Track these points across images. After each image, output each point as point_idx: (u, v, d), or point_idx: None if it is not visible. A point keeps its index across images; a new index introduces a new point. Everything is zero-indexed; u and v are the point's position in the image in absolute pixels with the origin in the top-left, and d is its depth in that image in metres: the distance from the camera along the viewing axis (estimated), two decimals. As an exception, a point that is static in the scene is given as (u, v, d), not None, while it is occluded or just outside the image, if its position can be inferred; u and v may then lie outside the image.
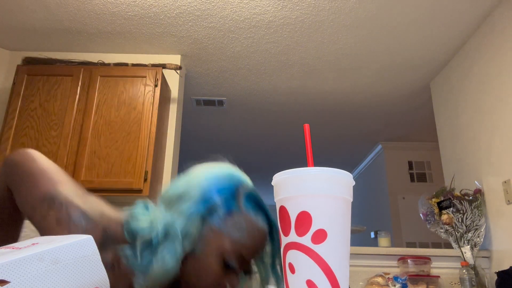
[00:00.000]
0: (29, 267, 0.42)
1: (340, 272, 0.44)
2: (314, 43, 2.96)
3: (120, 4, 2.61)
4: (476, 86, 2.72)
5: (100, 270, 0.50)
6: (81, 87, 2.73)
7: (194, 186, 0.73)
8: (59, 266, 0.45)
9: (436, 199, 2.49)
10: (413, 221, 4.22)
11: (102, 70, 2.81)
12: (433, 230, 2.54)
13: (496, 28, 2.52)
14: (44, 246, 0.46)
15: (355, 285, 2.30)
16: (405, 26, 2.75)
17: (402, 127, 4.45)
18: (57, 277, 0.45)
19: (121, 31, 2.88)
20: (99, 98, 2.72)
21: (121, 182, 2.52)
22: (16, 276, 0.41)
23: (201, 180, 0.74)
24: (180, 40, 2.97)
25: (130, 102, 2.73)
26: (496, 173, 2.45)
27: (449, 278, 2.37)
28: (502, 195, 2.37)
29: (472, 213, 2.39)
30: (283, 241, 0.47)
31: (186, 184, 0.74)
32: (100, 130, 2.65)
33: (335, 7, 2.58)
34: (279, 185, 0.47)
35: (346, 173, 0.47)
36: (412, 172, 4.91)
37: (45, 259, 0.44)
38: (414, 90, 3.61)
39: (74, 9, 2.65)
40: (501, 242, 2.38)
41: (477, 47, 2.75)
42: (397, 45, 2.96)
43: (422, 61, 3.17)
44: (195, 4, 2.60)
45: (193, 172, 0.77)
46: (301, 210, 0.45)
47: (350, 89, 3.60)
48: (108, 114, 2.69)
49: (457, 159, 2.97)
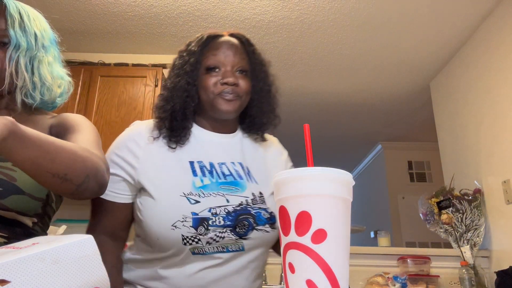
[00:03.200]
0: (30, 267, 0.43)
1: (339, 271, 0.45)
2: (314, 43, 2.96)
3: (120, 4, 2.61)
4: (476, 86, 2.72)
5: (100, 270, 0.50)
6: (82, 87, 2.73)
7: None
8: (59, 266, 0.45)
9: (436, 199, 2.50)
10: (413, 221, 4.22)
11: (102, 70, 2.81)
12: (433, 230, 2.54)
13: (495, 28, 2.52)
14: (44, 246, 0.46)
15: (355, 284, 2.30)
16: (405, 27, 2.75)
17: (402, 127, 4.45)
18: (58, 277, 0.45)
19: (122, 31, 2.88)
20: (100, 98, 2.72)
21: (121, 182, 2.52)
22: (17, 276, 0.41)
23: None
24: (181, 40, 2.97)
25: (131, 102, 2.73)
26: (496, 173, 2.45)
27: (448, 278, 2.37)
28: (502, 195, 2.37)
29: (471, 213, 2.39)
30: (283, 241, 0.47)
31: None
32: (100, 130, 2.65)
33: (335, 7, 2.58)
34: (279, 185, 0.47)
35: (345, 173, 0.47)
36: (411, 172, 4.91)
37: (45, 259, 0.44)
38: (414, 90, 3.61)
39: (74, 9, 2.65)
40: (501, 242, 2.38)
41: (476, 47, 2.75)
42: (397, 45, 2.96)
43: (422, 61, 3.17)
44: (195, 4, 2.60)
45: None
46: (301, 210, 0.45)
47: (350, 89, 3.60)
48: (109, 114, 2.69)
49: (456, 159, 2.97)
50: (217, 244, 0.87)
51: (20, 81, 0.87)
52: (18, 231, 0.82)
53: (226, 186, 0.93)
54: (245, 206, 0.91)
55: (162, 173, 0.92)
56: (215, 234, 0.87)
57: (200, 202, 0.88)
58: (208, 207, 0.88)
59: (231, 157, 1.00)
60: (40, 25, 0.93)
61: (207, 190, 0.90)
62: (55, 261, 0.45)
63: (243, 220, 0.90)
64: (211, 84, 0.96)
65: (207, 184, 0.92)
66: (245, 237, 0.89)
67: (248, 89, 0.99)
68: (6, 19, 0.86)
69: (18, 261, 0.42)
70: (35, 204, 0.83)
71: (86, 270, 0.48)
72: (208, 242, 0.86)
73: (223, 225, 0.87)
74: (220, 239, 0.87)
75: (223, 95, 0.95)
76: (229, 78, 0.95)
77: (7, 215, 0.80)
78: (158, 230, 0.86)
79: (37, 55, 0.90)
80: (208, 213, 0.87)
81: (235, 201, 0.91)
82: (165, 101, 0.97)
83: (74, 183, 0.73)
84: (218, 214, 0.88)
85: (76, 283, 0.46)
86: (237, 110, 0.98)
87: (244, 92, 0.98)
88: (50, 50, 0.94)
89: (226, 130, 1.03)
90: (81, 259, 0.48)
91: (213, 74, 0.97)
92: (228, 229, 0.88)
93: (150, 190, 0.89)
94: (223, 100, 0.95)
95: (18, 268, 0.42)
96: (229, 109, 0.96)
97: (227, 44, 0.99)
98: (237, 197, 0.92)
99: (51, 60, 0.94)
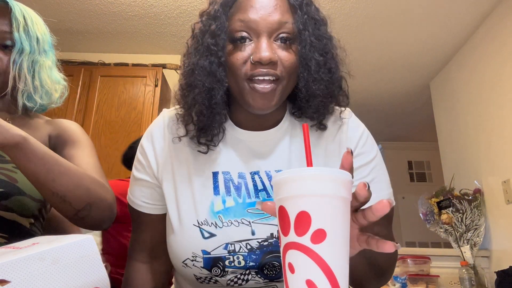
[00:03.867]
0: (29, 267, 0.43)
1: (339, 271, 0.45)
2: (314, 43, 2.95)
3: (120, 4, 2.61)
4: (476, 86, 2.72)
5: (100, 270, 0.50)
6: (82, 87, 2.73)
7: None
8: (59, 266, 0.45)
9: (436, 199, 2.50)
10: (413, 220, 4.22)
11: (102, 70, 2.81)
12: (433, 229, 2.54)
13: (495, 28, 2.52)
14: (44, 246, 0.46)
15: (355, 284, 2.30)
16: (405, 26, 2.75)
17: (402, 127, 4.45)
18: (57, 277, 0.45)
19: (122, 31, 2.88)
20: (100, 98, 2.72)
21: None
22: (17, 276, 0.41)
23: None
24: (181, 40, 2.97)
25: (131, 102, 2.73)
26: (496, 173, 2.45)
27: (448, 278, 2.37)
28: (502, 195, 2.37)
29: (471, 213, 2.39)
30: (282, 241, 0.47)
31: None
32: (100, 130, 2.65)
33: (335, 7, 2.58)
34: (278, 185, 0.47)
35: (345, 173, 0.47)
36: (411, 172, 4.91)
37: (45, 258, 0.44)
38: (414, 90, 3.61)
39: (74, 9, 2.66)
40: (501, 241, 2.38)
41: (476, 47, 2.75)
42: (397, 45, 2.96)
43: (422, 61, 3.16)
44: (195, 4, 2.60)
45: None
46: (301, 210, 0.45)
47: (350, 89, 3.58)
48: (108, 114, 2.69)
49: (456, 159, 2.97)
50: (241, 287, 0.69)
51: (21, 84, 0.87)
52: (18, 231, 0.82)
53: (255, 210, 0.69)
54: (275, 240, 0.67)
55: (181, 190, 0.72)
56: (236, 276, 0.68)
57: (215, 235, 0.67)
58: (224, 243, 0.67)
59: (270, 162, 0.73)
60: (41, 29, 0.94)
61: (228, 217, 0.68)
62: (55, 261, 0.45)
63: (272, 260, 0.67)
64: (239, 64, 0.66)
65: (230, 207, 0.69)
66: (278, 280, 0.68)
67: (293, 65, 0.68)
68: (11, 22, 0.86)
69: (18, 261, 0.42)
70: (35, 205, 0.84)
71: (86, 270, 0.48)
72: (229, 285, 0.69)
73: (245, 267, 0.67)
74: (244, 282, 0.68)
75: (255, 80, 0.66)
76: (262, 54, 0.64)
77: (7, 215, 0.80)
78: (173, 263, 0.73)
79: (38, 59, 0.90)
80: (224, 251, 0.67)
81: (263, 232, 0.68)
82: (184, 91, 0.71)
83: (74, 207, 0.74)
84: (237, 252, 0.67)
85: (76, 283, 0.47)
86: (277, 102, 0.68)
87: (288, 71, 0.67)
88: (49, 55, 0.95)
89: (268, 124, 0.75)
90: (81, 259, 0.48)
91: (242, 48, 0.67)
92: (252, 270, 0.68)
93: (167, 210, 0.74)
94: (254, 89, 0.66)
95: (18, 268, 0.42)
96: (262, 105, 0.67)
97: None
98: (266, 226, 0.68)
99: (50, 64, 0.94)
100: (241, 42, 0.67)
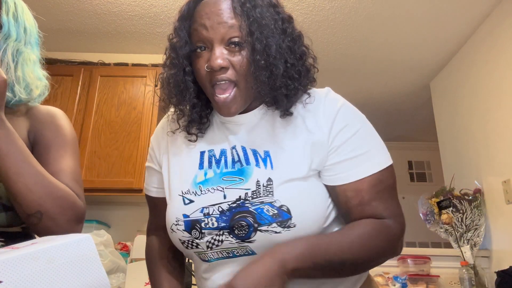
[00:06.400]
0: (22, 267, 0.42)
1: None
2: (314, 43, 2.94)
3: (120, 4, 2.61)
4: (476, 86, 2.72)
5: (99, 270, 0.49)
6: (81, 87, 2.73)
7: None
8: (54, 266, 0.45)
9: (436, 199, 2.49)
10: (413, 220, 4.20)
11: (102, 70, 2.81)
12: (433, 229, 2.53)
13: (495, 28, 2.52)
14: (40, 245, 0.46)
15: (355, 285, 2.30)
16: (405, 26, 2.74)
17: (402, 127, 4.44)
18: (53, 277, 0.44)
19: (121, 31, 2.88)
20: (99, 98, 2.72)
21: (121, 182, 2.52)
22: (9, 276, 0.41)
23: None
24: (180, 40, 2.97)
25: (131, 102, 2.73)
26: (496, 173, 2.45)
27: (448, 278, 2.37)
28: (502, 195, 2.36)
29: (471, 213, 2.39)
30: None
31: None
32: (100, 130, 2.65)
33: (335, 7, 2.58)
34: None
35: None
36: (412, 172, 4.90)
37: (39, 258, 0.43)
38: (414, 90, 3.61)
39: (74, 9, 2.65)
40: (501, 241, 2.38)
41: (476, 47, 2.74)
42: (397, 45, 2.96)
43: (422, 61, 3.16)
44: (195, 4, 2.60)
45: None
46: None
47: (349, 89, 3.59)
48: (108, 114, 2.69)
49: (457, 159, 2.97)
50: (218, 248, 0.75)
51: (3, 70, 0.82)
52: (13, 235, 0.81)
53: (229, 177, 0.77)
54: (242, 201, 0.73)
55: (173, 169, 0.86)
56: (212, 237, 0.75)
57: (194, 201, 0.77)
58: (200, 207, 0.76)
59: (245, 139, 0.81)
60: (30, 20, 0.92)
61: (206, 185, 0.78)
62: (49, 261, 0.44)
63: (240, 220, 0.73)
64: (202, 71, 0.75)
65: (210, 178, 0.79)
66: (248, 240, 0.73)
67: (246, 67, 0.73)
68: (1, 5, 0.83)
69: (10, 260, 0.42)
70: (14, 215, 0.82)
71: (83, 270, 0.47)
72: (208, 247, 0.75)
73: (217, 227, 0.74)
74: (219, 243, 0.74)
75: (215, 86, 0.74)
76: (212, 62, 0.72)
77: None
78: (168, 232, 0.83)
79: (23, 50, 0.87)
80: (200, 214, 0.75)
81: (232, 195, 0.75)
82: (167, 96, 0.83)
83: (24, 210, 0.72)
84: (211, 215, 0.74)
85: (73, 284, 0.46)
86: (240, 106, 0.76)
87: (241, 73, 0.74)
88: (34, 49, 0.92)
89: (248, 107, 0.82)
90: (78, 259, 0.47)
91: (201, 56, 0.76)
92: (225, 231, 0.74)
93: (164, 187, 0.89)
94: (217, 98, 0.75)
95: (10, 267, 0.41)
96: (227, 113, 0.76)
97: (209, 5, 0.75)
98: (236, 190, 0.75)
99: (34, 58, 0.91)
100: (201, 50, 0.76)
